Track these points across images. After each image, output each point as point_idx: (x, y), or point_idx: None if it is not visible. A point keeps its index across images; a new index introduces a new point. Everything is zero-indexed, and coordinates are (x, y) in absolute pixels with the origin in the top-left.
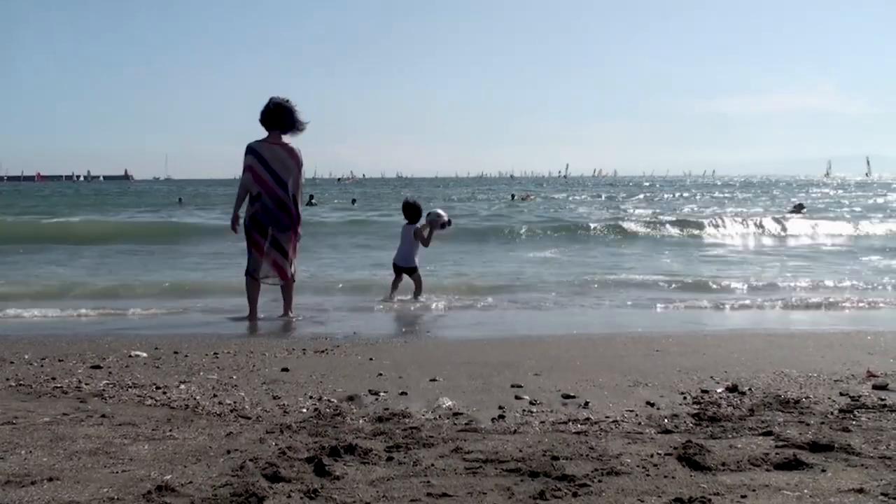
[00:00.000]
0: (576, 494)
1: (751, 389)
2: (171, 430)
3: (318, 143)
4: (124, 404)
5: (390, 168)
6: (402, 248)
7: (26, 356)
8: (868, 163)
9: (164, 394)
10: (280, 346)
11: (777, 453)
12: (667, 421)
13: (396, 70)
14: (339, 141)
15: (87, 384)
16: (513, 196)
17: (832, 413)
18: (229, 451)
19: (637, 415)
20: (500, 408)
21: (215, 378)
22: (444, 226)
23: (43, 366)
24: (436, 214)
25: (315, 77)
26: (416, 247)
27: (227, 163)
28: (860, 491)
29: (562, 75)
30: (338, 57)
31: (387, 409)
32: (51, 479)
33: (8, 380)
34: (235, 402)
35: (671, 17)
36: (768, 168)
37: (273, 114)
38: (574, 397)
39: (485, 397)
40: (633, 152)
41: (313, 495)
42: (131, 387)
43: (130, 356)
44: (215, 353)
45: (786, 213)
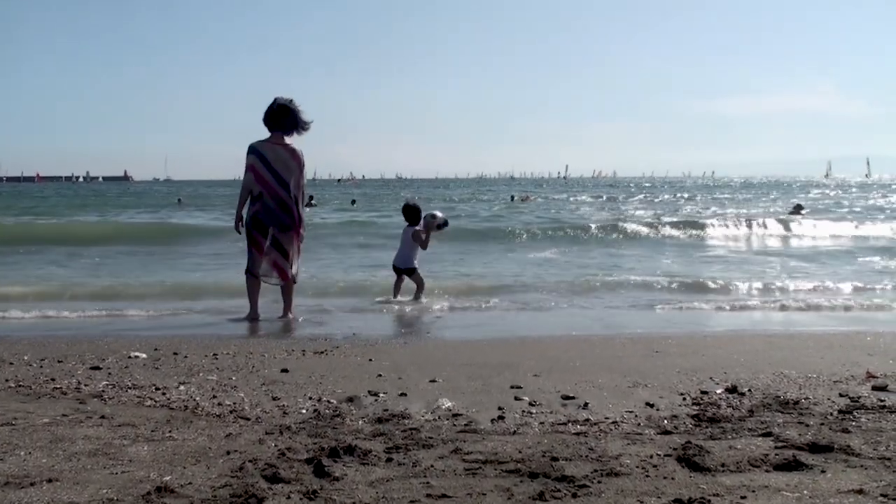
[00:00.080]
0: (575, 495)
1: (750, 390)
2: (170, 431)
3: (318, 143)
4: (124, 405)
5: (390, 169)
6: (402, 249)
7: (26, 357)
8: (868, 163)
9: (164, 395)
10: (279, 347)
11: (776, 454)
12: (666, 422)
13: (396, 70)
14: (339, 141)
15: (86, 385)
16: (513, 197)
17: (832, 414)
18: (229, 452)
19: (636, 416)
20: (500, 409)
21: (215, 379)
22: (441, 227)
23: (42, 367)
24: (431, 216)
25: (315, 77)
26: (415, 248)
27: (227, 163)
28: (860, 492)
29: (562, 75)
30: (338, 57)
31: (386, 410)
32: (50, 481)
33: (7, 381)
34: (235, 403)
35: (671, 17)
36: (768, 168)
37: (276, 114)
38: (573, 398)
39: (484, 398)
40: (632, 153)
41: (313, 496)
42: (131, 388)
43: (130, 357)
44: (215, 354)
45: (785, 214)
